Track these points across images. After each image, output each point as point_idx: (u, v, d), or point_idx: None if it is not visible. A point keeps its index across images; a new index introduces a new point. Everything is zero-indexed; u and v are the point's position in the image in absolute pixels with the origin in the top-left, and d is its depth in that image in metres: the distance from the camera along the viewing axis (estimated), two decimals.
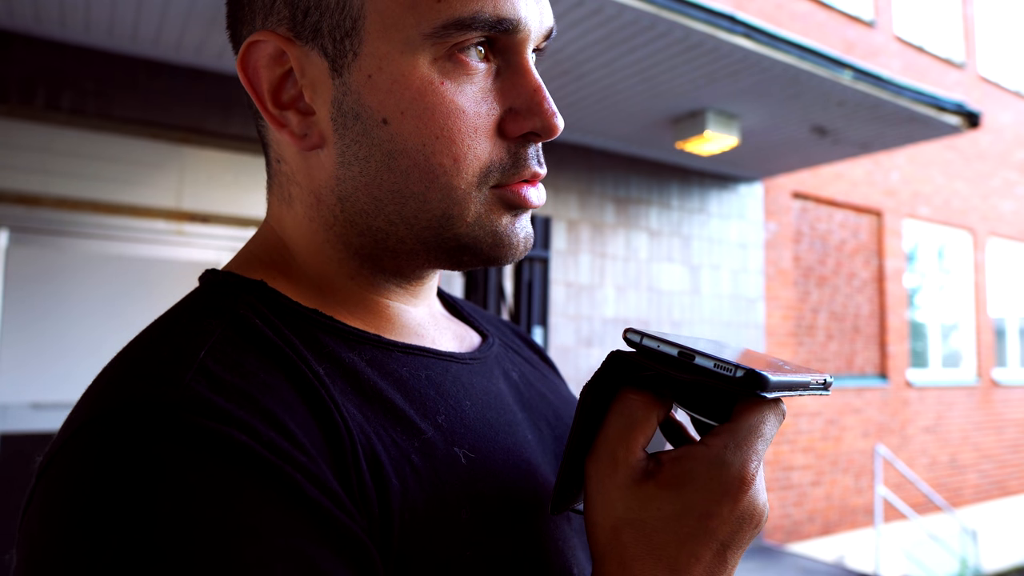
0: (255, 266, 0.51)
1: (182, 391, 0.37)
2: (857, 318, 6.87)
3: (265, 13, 0.47)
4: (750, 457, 0.41)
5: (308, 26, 0.46)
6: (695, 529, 0.40)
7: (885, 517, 6.53)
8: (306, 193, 0.50)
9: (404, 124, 0.45)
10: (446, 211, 0.47)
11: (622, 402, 0.43)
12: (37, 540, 0.35)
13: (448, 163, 0.45)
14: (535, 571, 0.47)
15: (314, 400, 0.41)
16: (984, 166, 8.44)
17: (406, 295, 0.54)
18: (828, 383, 0.45)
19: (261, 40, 0.47)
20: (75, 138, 3.83)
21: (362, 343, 0.48)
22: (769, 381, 0.39)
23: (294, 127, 0.48)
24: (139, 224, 4.79)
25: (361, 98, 0.46)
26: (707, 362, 0.40)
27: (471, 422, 0.49)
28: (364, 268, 0.51)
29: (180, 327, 0.43)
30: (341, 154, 0.47)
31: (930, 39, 7.99)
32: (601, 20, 3.20)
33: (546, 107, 0.47)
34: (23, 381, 4.46)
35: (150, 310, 4.77)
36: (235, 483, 0.35)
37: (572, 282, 4.89)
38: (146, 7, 3.05)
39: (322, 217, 0.50)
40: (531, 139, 0.48)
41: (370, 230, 0.48)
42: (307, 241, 0.51)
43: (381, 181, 0.46)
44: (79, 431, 0.37)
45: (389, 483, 0.41)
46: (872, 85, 4.00)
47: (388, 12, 0.44)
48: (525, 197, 0.48)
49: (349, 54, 0.45)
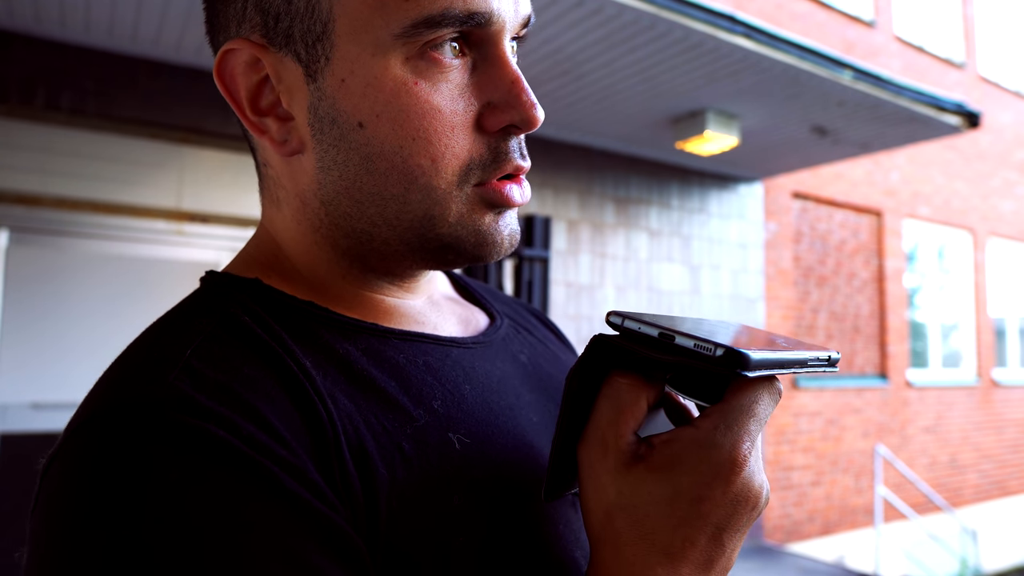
0: (252, 266, 0.52)
1: (166, 389, 0.38)
2: (857, 318, 6.87)
3: (239, 21, 0.47)
4: (741, 438, 0.40)
5: (280, 32, 0.46)
6: (688, 513, 0.40)
7: (885, 517, 6.53)
8: (292, 196, 0.50)
9: (380, 127, 0.45)
10: (427, 212, 0.46)
11: (610, 386, 0.43)
12: (40, 538, 0.37)
13: (426, 163, 0.45)
14: (531, 556, 0.46)
15: (297, 392, 0.41)
16: (984, 166, 8.44)
17: (401, 291, 0.54)
18: (833, 359, 0.43)
19: (235, 48, 0.47)
20: (75, 138, 3.83)
21: (359, 332, 0.48)
22: (750, 359, 0.37)
23: (274, 133, 0.48)
24: (139, 224, 4.79)
25: (336, 103, 0.45)
26: (687, 342, 0.39)
27: (470, 407, 0.49)
28: (354, 268, 0.51)
29: (172, 328, 0.44)
30: (320, 159, 0.47)
31: (930, 39, 7.99)
32: (601, 20, 3.20)
33: (524, 99, 0.46)
34: (23, 381, 4.46)
35: (150, 310, 4.77)
36: (214, 477, 0.36)
37: (572, 282, 4.89)
38: (146, 7, 3.05)
39: (309, 220, 0.50)
40: (512, 132, 0.47)
41: (355, 232, 0.49)
42: (297, 242, 0.51)
43: (361, 184, 0.46)
44: (75, 432, 0.38)
45: (376, 472, 0.41)
46: (872, 85, 4.00)
47: (356, 14, 0.44)
48: (507, 196, 0.48)
49: (321, 59, 0.45)
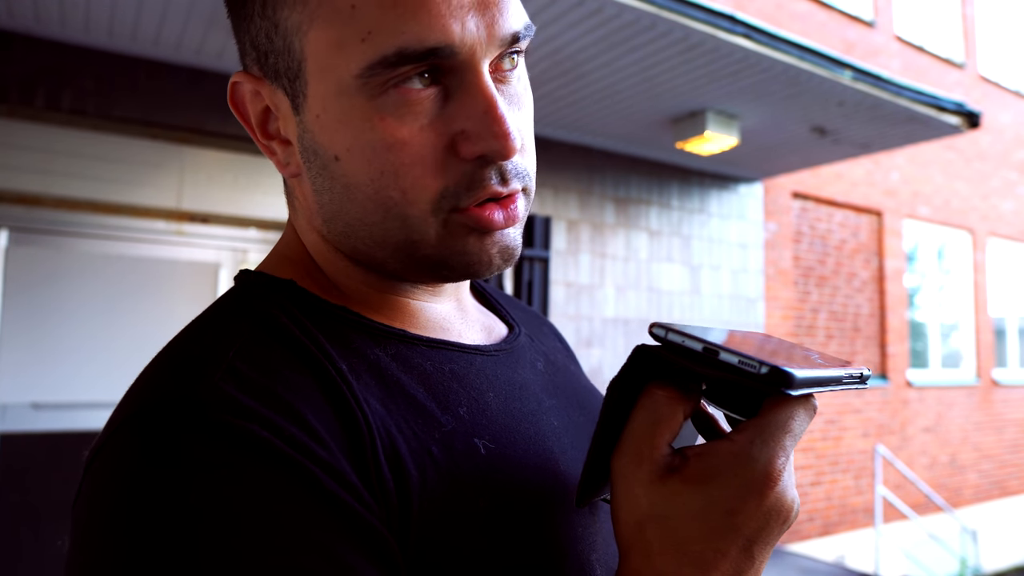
0: (285, 266, 0.53)
1: (211, 390, 0.39)
2: (857, 318, 6.87)
3: (243, 54, 0.51)
4: (777, 453, 0.40)
5: (270, 67, 0.48)
6: (720, 525, 0.40)
7: (885, 517, 6.53)
8: (303, 211, 0.53)
9: (352, 161, 0.46)
10: (408, 237, 0.48)
11: (648, 397, 0.43)
12: (83, 529, 0.38)
13: (397, 196, 0.46)
14: (550, 558, 0.47)
15: (336, 395, 0.43)
16: (984, 166, 8.43)
17: (426, 294, 0.55)
18: (864, 376, 0.44)
19: (238, 81, 0.50)
20: (75, 138, 3.83)
21: (388, 338, 0.50)
22: (795, 378, 0.37)
23: (279, 156, 0.51)
24: (139, 224, 4.79)
25: (315, 136, 0.47)
26: (732, 358, 0.39)
27: (494, 413, 0.50)
28: (371, 275, 0.53)
29: (213, 327, 0.46)
30: (312, 183, 0.50)
31: (930, 39, 7.99)
32: (601, 20, 3.20)
33: (497, 129, 0.44)
34: (23, 381, 4.46)
35: (150, 310, 4.78)
36: (256, 476, 0.37)
37: (572, 282, 4.89)
38: (146, 7, 3.05)
39: (319, 232, 0.53)
40: (486, 161, 0.46)
41: (356, 251, 0.51)
42: (317, 249, 0.54)
43: (346, 211, 0.49)
44: (120, 427, 0.40)
45: (408, 474, 0.42)
46: (872, 85, 4.00)
47: (320, 55, 0.45)
48: (488, 219, 0.47)
49: (300, 95, 0.47)
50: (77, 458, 0.44)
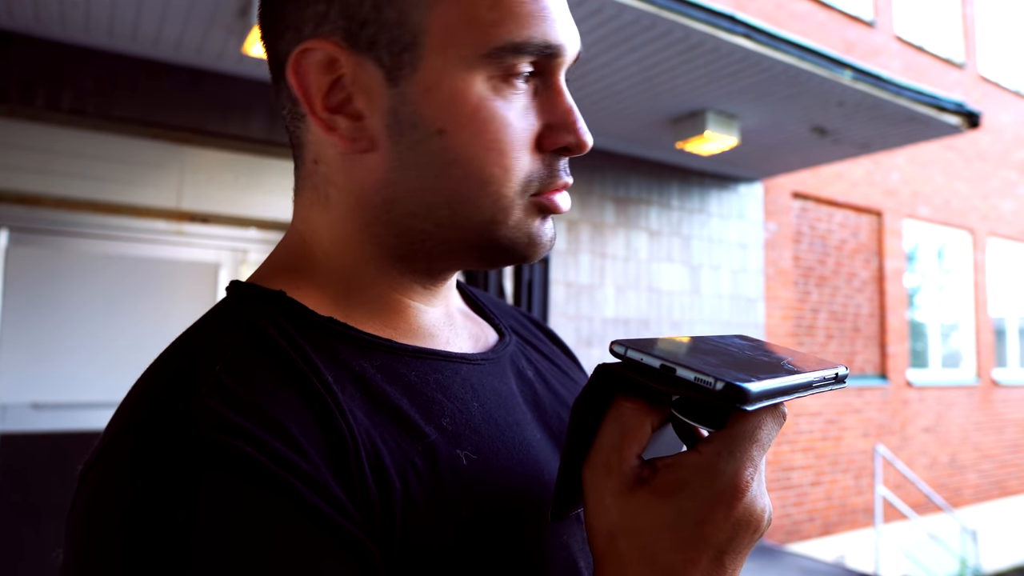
0: (277, 275, 0.54)
1: (197, 405, 0.40)
2: (857, 318, 6.87)
3: (316, 22, 0.49)
4: (744, 464, 0.41)
5: (364, 38, 0.48)
6: (690, 535, 0.41)
7: (885, 517, 6.53)
8: (345, 194, 0.52)
9: (460, 136, 0.48)
10: (494, 216, 0.50)
11: (616, 409, 0.43)
12: (76, 542, 0.39)
13: (499, 173, 0.49)
14: (535, 566, 0.48)
15: (320, 408, 0.43)
16: (984, 166, 8.44)
17: (426, 295, 0.56)
18: (841, 376, 0.44)
19: (312, 48, 0.49)
20: (75, 138, 3.83)
21: (374, 349, 0.50)
22: (749, 394, 0.37)
23: (343, 130, 0.50)
24: (139, 224, 4.79)
25: (418, 109, 0.48)
26: (688, 374, 0.39)
27: (477, 424, 0.51)
28: (394, 268, 0.53)
29: (201, 341, 0.46)
30: (396, 159, 0.50)
31: (930, 39, 7.99)
32: (601, 20, 3.20)
33: (579, 126, 0.51)
34: (23, 381, 4.45)
35: (150, 310, 4.78)
36: (240, 492, 0.38)
37: (572, 282, 4.89)
38: (146, 7, 3.06)
39: (361, 218, 0.52)
40: (563, 153, 0.52)
41: (412, 231, 0.51)
42: (339, 241, 0.53)
43: (436, 187, 0.49)
44: (111, 443, 0.41)
45: (392, 485, 0.43)
46: (872, 85, 4.00)
47: (448, 31, 0.47)
48: (557, 204, 0.52)
49: (407, 67, 0.48)
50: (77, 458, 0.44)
